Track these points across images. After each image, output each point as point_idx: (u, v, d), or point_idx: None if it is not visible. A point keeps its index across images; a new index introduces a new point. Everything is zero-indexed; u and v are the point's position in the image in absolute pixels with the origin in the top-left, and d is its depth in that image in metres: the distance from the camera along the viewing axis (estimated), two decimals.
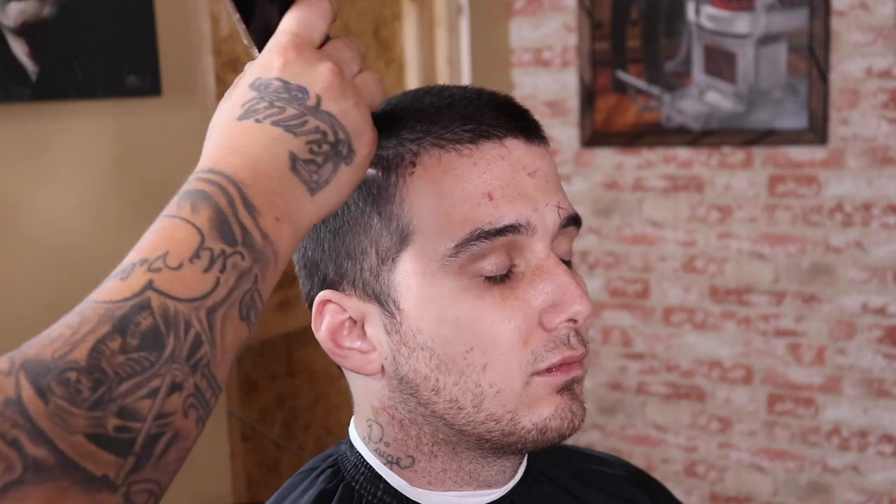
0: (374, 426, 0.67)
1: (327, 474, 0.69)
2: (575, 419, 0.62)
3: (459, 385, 0.61)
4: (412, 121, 0.62)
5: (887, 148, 2.38)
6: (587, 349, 0.64)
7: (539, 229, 0.61)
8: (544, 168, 0.63)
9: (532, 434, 0.62)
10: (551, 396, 0.62)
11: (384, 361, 0.63)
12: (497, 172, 0.60)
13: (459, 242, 0.59)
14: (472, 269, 0.60)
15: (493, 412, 0.61)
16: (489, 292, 0.60)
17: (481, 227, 0.59)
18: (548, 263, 0.61)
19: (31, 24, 1.48)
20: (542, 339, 0.61)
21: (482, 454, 0.65)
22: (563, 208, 0.63)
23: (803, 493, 2.58)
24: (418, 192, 0.60)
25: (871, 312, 2.45)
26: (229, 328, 0.46)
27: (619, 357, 2.77)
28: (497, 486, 0.67)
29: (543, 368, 0.61)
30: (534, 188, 0.61)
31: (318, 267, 0.65)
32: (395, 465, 0.66)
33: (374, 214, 0.62)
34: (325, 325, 0.64)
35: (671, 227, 2.66)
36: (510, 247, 0.60)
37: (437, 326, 0.60)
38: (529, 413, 0.61)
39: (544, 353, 0.61)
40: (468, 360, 0.60)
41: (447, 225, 0.60)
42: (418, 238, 0.60)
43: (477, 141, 0.61)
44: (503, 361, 0.60)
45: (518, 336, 0.60)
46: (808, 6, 2.39)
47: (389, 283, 0.62)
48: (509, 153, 0.61)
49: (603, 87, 2.68)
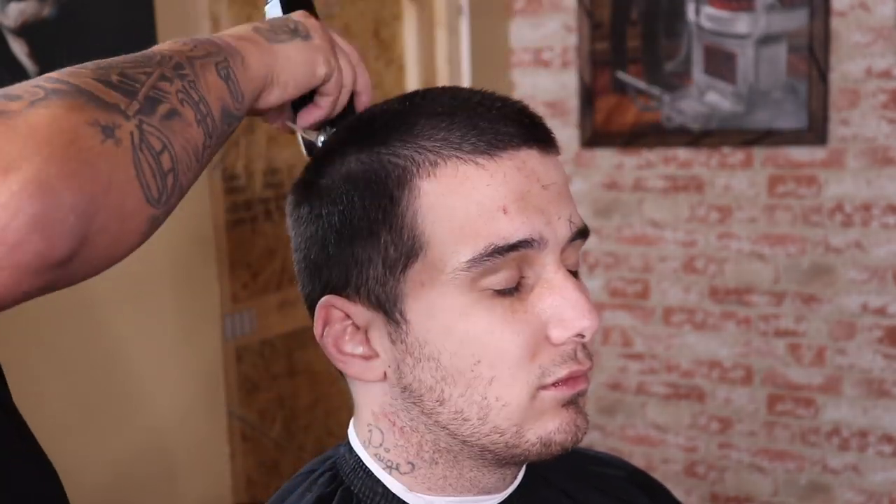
0: (374, 431, 0.67)
1: (326, 477, 0.68)
2: (579, 432, 0.63)
3: (465, 397, 0.61)
4: (428, 127, 0.61)
5: (887, 148, 2.38)
6: (592, 363, 0.64)
7: (550, 243, 0.60)
8: (557, 180, 0.63)
9: (536, 447, 0.62)
10: (556, 410, 0.62)
11: (387, 369, 0.63)
12: (513, 185, 0.60)
13: (473, 258, 0.58)
14: (483, 282, 0.59)
15: (498, 425, 0.61)
16: (499, 305, 0.60)
17: (495, 242, 0.58)
18: (557, 277, 0.61)
19: (31, 24, 1.48)
20: (550, 353, 0.61)
21: (484, 463, 0.64)
22: (574, 221, 0.62)
23: (803, 493, 2.58)
24: (431, 203, 0.60)
25: (871, 313, 2.45)
26: (210, 73, 0.56)
27: (619, 357, 2.77)
28: (496, 492, 0.67)
29: (550, 383, 0.61)
30: (547, 201, 0.61)
31: (321, 270, 0.64)
32: (394, 470, 0.66)
33: (383, 223, 0.61)
34: (327, 330, 0.64)
35: (671, 227, 2.66)
36: (520, 260, 0.60)
37: (444, 338, 0.60)
38: (534, 426, 0.61)
39: (552, 367, 0.61)
40: (475, 373, 0.60)
41: (460, 238, 0.59)
42: (429, 250, 0.59)
43: (493, 152, 0.60)
44: (510, 375, 0.60)
45: (526, 350, 0.60)
46: (808, 6, 2.39)
47: (396, 293, 0.61)
48: (524, 164, 0.61)
49: (603, 88, 2.68)
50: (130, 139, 0.47)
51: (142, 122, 0.48)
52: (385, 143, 0.61)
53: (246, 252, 2.15)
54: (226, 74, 0.57)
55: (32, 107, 0.44)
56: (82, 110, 0.45)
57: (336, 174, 0.63)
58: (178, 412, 1.81)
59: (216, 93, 0.56)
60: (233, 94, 0.58)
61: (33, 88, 0.46)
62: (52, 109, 0.44)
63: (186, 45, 0.57)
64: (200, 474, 1.89)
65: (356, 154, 0.62)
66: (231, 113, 0.58)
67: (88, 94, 0.47)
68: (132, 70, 0.51)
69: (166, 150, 0.49)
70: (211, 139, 0.54)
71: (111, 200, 0.45)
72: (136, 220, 0.47)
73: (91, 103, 0.46)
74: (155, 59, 0.53)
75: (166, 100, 0.51)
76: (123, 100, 0.48)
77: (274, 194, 2.22)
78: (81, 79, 0.48)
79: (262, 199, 2.19)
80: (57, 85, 0.46)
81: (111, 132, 0.46)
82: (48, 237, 0.41)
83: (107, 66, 0.50)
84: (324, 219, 0.63)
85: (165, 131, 0.49)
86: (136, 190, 0.46)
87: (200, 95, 0.54)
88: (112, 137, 0.46)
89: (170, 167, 0.49)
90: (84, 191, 0.43)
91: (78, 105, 0.45)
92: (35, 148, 0.42)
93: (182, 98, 0.52)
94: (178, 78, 0.53)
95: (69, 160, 0.43)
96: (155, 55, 0.54)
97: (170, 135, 0.50)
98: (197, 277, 1.86)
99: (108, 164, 0.45)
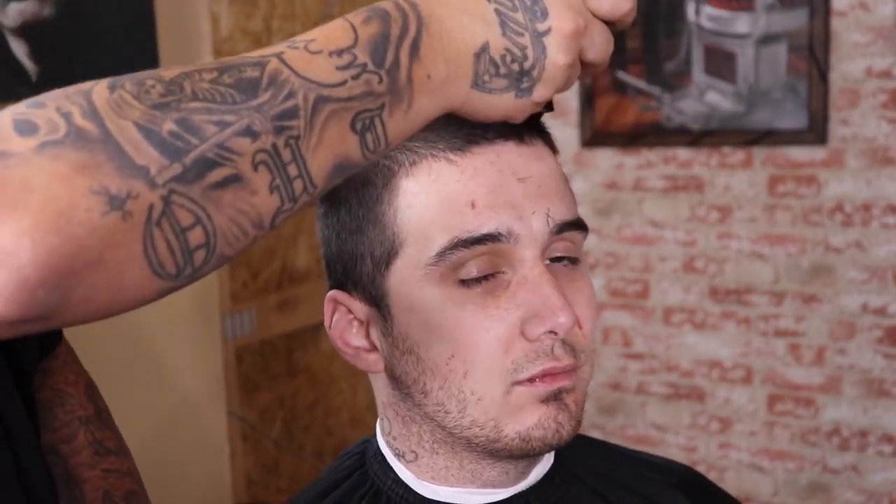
0: (384, 420, 0.69)
1: (353, 460, 0.72)
2: (561, 429, 0.62)
3: (444, 390, 0.62)
4: None
5: (887, 148, 2.38)
6: (577, 360, 0.62)
7: (524, 238, 0.60)
8: (539, 172, 0.62)
9: (516, 442, 0.62)
10: (535, 406, 0.61)
11: (385, 361, 0.65)
12: (483, 180, 0.60)
13: (439, 251, 0.59)
14: (454, 276, 0.60)
15: (476, 418, 0.61)
16: (470, 300, 0.60)
17: (459, 235, 0.59)
18: (533, 273, 0.60)
19: (31, 24, 1.48)
20: (524, 349, 0.60)
21: (480, 455, 0.65)
22: (554, 216, 0.61)
23: (803, 493, 2.58)
24: (409, 202, 0.61)
25: (871, 312, 2.45)
26: (334, 126, 0.44)
27: (619, 357, 2.77)
28: (502, 487, 0.67)
29: (525, 378, 0.60)
30: (522, 195, 0.60)
31: (333, 265, 0.67)
32: (401, 458, 0.68)
33: (368, 222, 0.63)
34: (334, 324, 0.66)
35: (671, 227, 2.66)
36: (495, 254, 0.60)
37: (421, 332, 0.61)
38: (512, 421, 0.61)
39: (525, 363, 0.60)
40: (450, 367, 0.61)
41: (430, 234, 0.60)
42: (406, 246, 0.61)
43: (466, 147, 0.60)
44: (482, 369, 0.60)
45: (497, 345, 0.60)
46: (808, 6, 2.39)
47: (383, 289, 0.63)
48: (499, 158, 0.61)
49: (603, 87, 2.68)
50: (147, 213, 0.40)
51: (172, 191, 0.40)
52: None
53: (246, 252, 2.15)
54: (364, 126, 0.46)
55: (39, 154, 0.38)
56: (94, 173, 0.39)
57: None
58: (178, 412, 1.81)
59: (332, 148, 0.45)
60: (364, 145, 0.47)
61: (58, 118, 0.39)
62: (58, 165, 0.38)
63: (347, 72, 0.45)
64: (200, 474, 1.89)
65: None
66: (352, 165, 0.47)
67: (116, 149, 0.39)
68: (205, 117, 0.41)
69: (199, 225, 0.42)
70: (294, 203, 0.45)
71: (99, 277, 0.40)
72: (139, 291, 0.42)
73: (111, 163, 0.39)
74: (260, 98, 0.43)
75: (229, 164, 0.41)
76: (159, 161, 0.40)
77: None
78: (123, 120, 0.40)
79: None
80: (86, 124, 0.39)
81: (121, 204, 0.39)
82: (12, 306, 0.38)
83: (174, 102, 0.41)
84: (331, 218, 0.66)
85: (205, 203, 0.41)
86: (141, 266, 0.41)
87: (297, 154, 0.44)
88: (119, 210, 0.39)
89: (201, 242, 0.42)
90: (58, 269, 0.38)
91: (92, 165, 0.39)
92: (18, 213, 0.37)
93: (260, 161, 0.42)
94: (272, 133, 0.42)
95: (49, 234, 0.38)
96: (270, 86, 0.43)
97: (212, 207, 0.42)
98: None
99: (100, 240, 0.39)
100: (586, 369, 0.64)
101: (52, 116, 0.39)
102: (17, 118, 0.39)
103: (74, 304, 0.39)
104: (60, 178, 0.38)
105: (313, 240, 2.36)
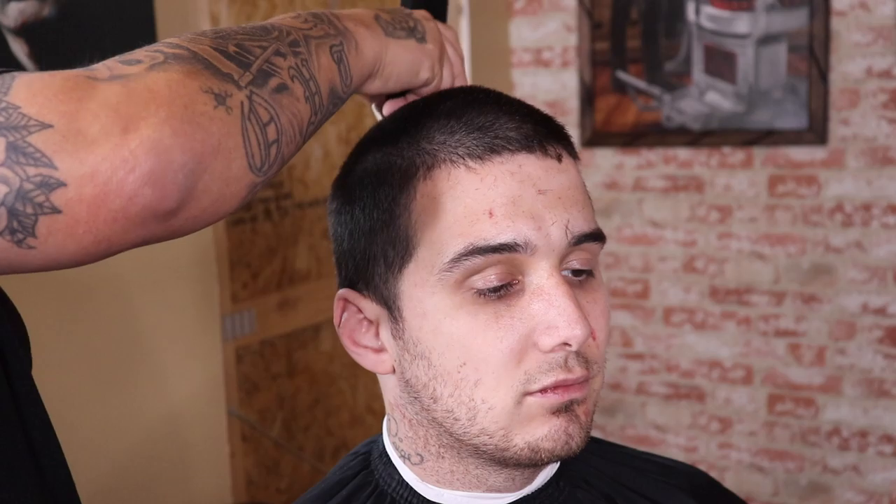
0: (390, 421, 0.69)
1: (359, 459, 0.72)
2: (571, 441, 0.61)
3: (454, 397, 0.61)
4: (432, 129, 0.62)
5: (887, 148, 2.38)
6: (590, 372, 0.62)
7: (541, 248, 0.60)
8: (559, 183, 0.62)
9: (525, 452, 0.61)
10: (545, 417, 0.61)
11: (394, 363, 0.65)
12: (503, 190, 0.60)
13: (454, 257, 0.59)
14: (468, 284, 0.60)
15: (485, 427, 0.61)
16: (484, 309, 0.60)
17: (475, 242, 0.59)
18: (549, 283, 0.60)
19: (31, 24, 1.48)
20: (537, 360, 0.60)
21: (485, 462, 0.65)
22: (573, 228, 0.61)
23: (803, 493, 2.58)
24: (424, 205, 0.61)
25: (871, 312, 2.45)
26: (323, 55, 0.58)
27: (619, 357, 2.77)
28: (507, 491, 0.67)
29: (536, 389, 0.60)
30: (542, 206, 0.60)
31: (344, 263, 0.67)
32: (407, 459, 0.68)
33: (385, 223, 0.62)
34: (343, 322, 0.66)
35: (671, 227, 2.66)
36: (511, 264, 0.60)
37: (433, 338, 0.61)
38: (522, 432, 0.61)
39: (537, 374, 0.60)
40: (462, 375, 0.60)
41: (446, 239, 0.60)
42: (420, 251, 0.61)
43: (487, 156, 0.60)
44: (494, 379, 0.60)
45: (510, 355, 0.59)
46: (808, 6, 2.39)
47: (395, 291, 0.62)
48: (520, 169, 0.61)
49: (603, 88, 2.68)
50: (241, 108, 0.49)
51: (252, 92, 0.50)
52: (395, 143, 0.63)
53: (246, 252, 2.15)
54: (339, 58, 0.59)
55: (152, 70, 0.47)
56: (198, 77, 0.48)
57: (357, 172, 0.65)
58: (178, 412, 1.81)
59: (327, 73, 0.58)
60: (342, 76, 0.60)
61: (153, 53, 0.48)
62: (170, 73, 0.47)
63: (306, 24, 0.59)
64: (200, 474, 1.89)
65: (374, 153, 0.65)
66: (338, 94, 0.60)
67: (206, 61, 0.49)
68: (249, 42, 0.53)
69: (273, 122, 0.51)
70: (317, 116, 0.57)
71: (218, 164, 0.47)
72: (239, 184, 0.49)
73: (207, 70, 0.49)
74: (272, 34, 0.55)
75: (278, 74, 0.53)
76: (237, 70, 0.50)
77: (274, 194, 2.22)
78: (200, 46, 0.50)
79: (262, 199, 2.19)
80: (177, 50, 0.49)
81: (223, 100, 0.48)
82: (159, 191, 0.44)
83: (225, 36, 0.53)
84: (345, 215, 0.66)
85: (274, 104, 0.52)
86: (241, 156, 0.49)
87: (311, 74, 0.56)
88: (224, 105, 0.48)
89: (274, 138, 0.52)
90: (194, 152, 0.46)
91: (195, 71, 0.48)
92: (152, 110, 0.45)
93: (293, 74, 0.54)
94: (292, 55, 0.55)
95: (183, 123, 0.45)
96: (273, 29, 0.56)
97: (277, 108, 0.52)
98: (197, 277, 1.86)
99: (218, 129, 0.47)
100: (597, 380, 0.64)
101: (148, 53, 0.49)
102: (120, 59, 0.48)
103: (198, 194, 0.47)
104: (176, 83, 0.47)
105: (313, 240, 2.36)
